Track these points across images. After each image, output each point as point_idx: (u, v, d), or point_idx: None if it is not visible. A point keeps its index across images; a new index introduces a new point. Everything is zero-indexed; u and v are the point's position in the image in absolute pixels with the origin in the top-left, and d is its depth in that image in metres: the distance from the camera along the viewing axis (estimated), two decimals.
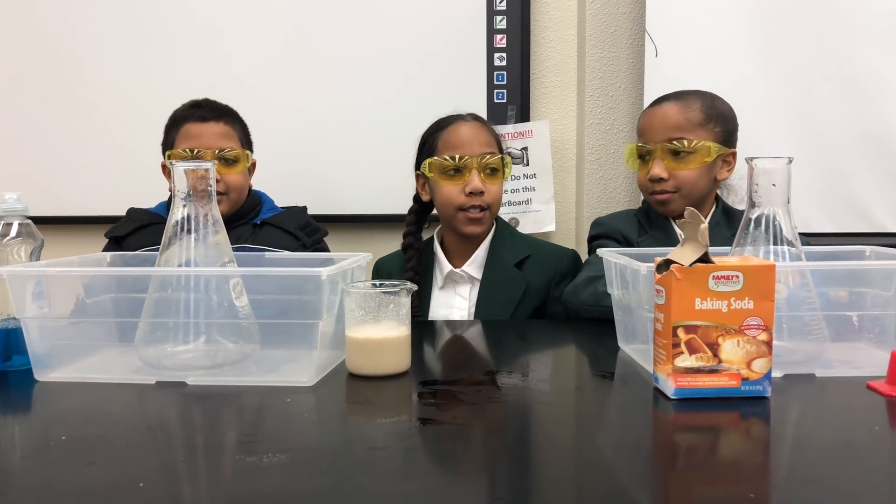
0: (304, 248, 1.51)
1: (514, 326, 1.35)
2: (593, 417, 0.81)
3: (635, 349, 1.01)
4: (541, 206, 2.15)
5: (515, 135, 2.13)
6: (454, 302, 1.51)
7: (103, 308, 0.95)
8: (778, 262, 0.93)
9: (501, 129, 2.10)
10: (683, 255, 0.82)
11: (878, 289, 0.95)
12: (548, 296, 1.49)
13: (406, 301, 0.92)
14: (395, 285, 0.92)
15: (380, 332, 0.90)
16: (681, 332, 0.81)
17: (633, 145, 1.51)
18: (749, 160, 0.96)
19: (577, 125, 2.16)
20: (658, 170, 1.42)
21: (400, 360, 0.92)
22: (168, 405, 0.82)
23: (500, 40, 2.12)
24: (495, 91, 2.13)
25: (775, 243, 0.95)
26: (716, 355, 0.81)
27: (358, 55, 2.10)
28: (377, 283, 0.93)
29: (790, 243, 0.96)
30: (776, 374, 0.89)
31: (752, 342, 0.81)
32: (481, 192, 1.45)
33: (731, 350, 0.81)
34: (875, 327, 0.96)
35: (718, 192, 1.54)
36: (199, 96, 1.58)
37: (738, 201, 1.55)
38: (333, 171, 2.11)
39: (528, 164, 2.14)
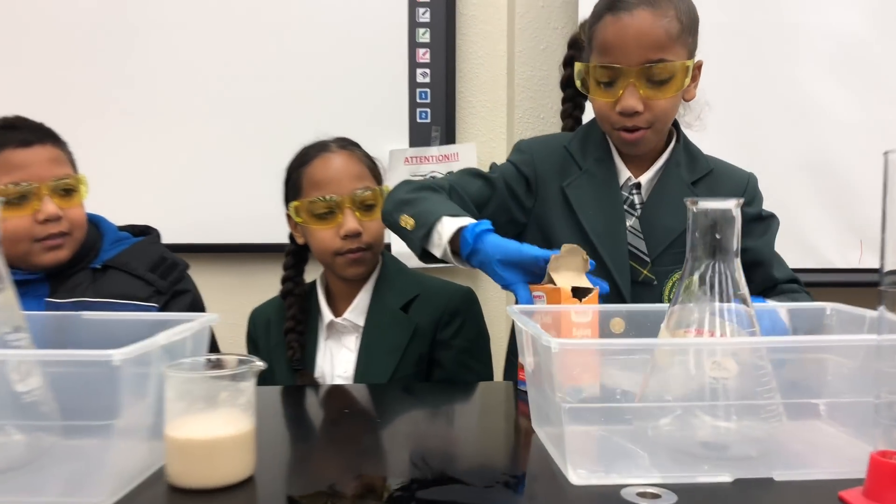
0: (160, 294, 1.26)
1: (406, 397, 1.12)
2: None
3: (549, 433, 0.81)
4: None
5: (440, 158, 1.94)
6: (340, 354, 1.32)
7: None
8: (727, 332, 0.74)
9: (425, 152, 1.93)
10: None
11: (841, 356, 0.77)
12: (434, 338, 1.31)
13: (249, 385, 0.70)
14: (238, 362, 0.70)
15: (209, 430, 0.67)
16: None
17: (587, 65, 1.14)
18: (687, 202, 0.77)
19: (506, 148, 1.99)
20: (633, 101, 1.10)
21: (238, 465, 0.69)
22: None
23: (424, 55, 1.94)
24: (418, 110, 1.95)
25: (721, 300, 0.77)
26: None
27: (264, 70, 1.89)
28: (212, 358, 0.71)
29: (741, 300, 0.77)
30: (725, 478, 0.70)
31: None
32: (358, 234, 1.27)
33: None
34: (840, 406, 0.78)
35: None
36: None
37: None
38: (228, 195, 1.89)
39: None
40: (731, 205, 0.75)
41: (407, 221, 1.05)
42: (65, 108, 1.76)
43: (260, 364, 0.70)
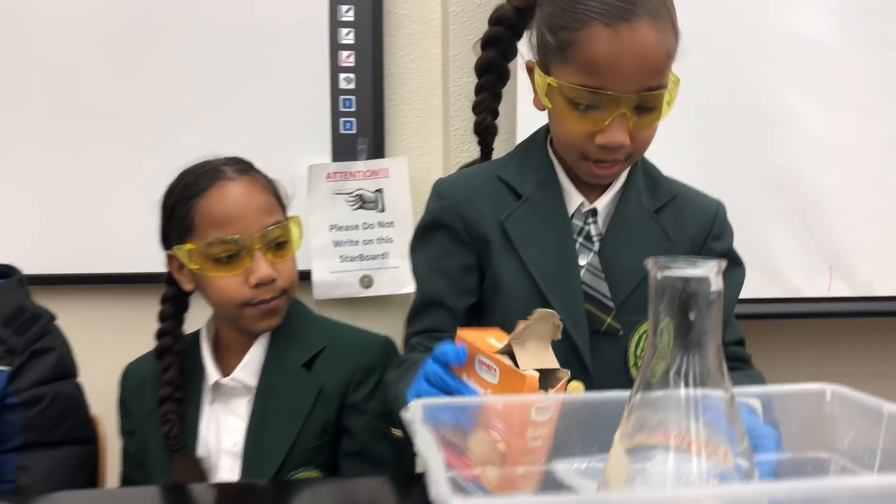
0: (13, 355, 1.03)
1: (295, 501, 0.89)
2: None
3: None
4: (399, 262, 1.78)
5: (368, 174, 1.75)
6: (228, 422, 1.11)
7: None
8: (703, 443, 0.54)
9: (350, 167, 1.72)
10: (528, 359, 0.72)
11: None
12: (343, 402, 1.11)
13: None
14: None
15: None
16: None
17: (564, 85, 0.92)
18: (648, 265, 0.56)
19: (443, 163, 1.80)
20: (622, 135, 0.91)
21: None
22: None
23: (347, 58, 1.74)
24: (342, 120, 1.75)
25: (696, 406, 0.56)
26: None
27: (156, 74, 1.65)
28: None
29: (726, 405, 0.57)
30: None
31: None
32: (273, 280, 1.06)
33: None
34: None
35: None
36: None
37: None
38: (120, 216, 1.66)
39: (383, 210, 1.78)
40: (712, 272, 0.54)
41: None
42: None
43: None
